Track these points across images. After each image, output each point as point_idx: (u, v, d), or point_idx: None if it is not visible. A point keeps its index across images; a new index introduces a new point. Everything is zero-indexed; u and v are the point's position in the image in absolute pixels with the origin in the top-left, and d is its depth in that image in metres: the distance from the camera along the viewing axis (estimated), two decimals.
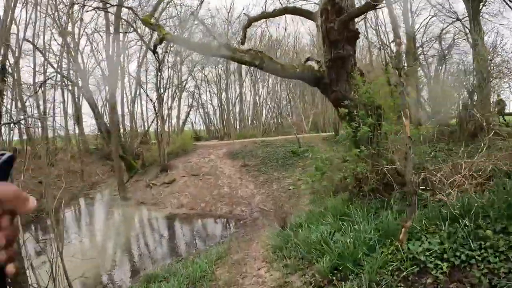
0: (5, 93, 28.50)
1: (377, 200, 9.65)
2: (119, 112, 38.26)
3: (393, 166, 9.33)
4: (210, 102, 51.58)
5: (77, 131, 40.02)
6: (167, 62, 37.22)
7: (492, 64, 16.97)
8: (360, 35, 11.70)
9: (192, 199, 23.08)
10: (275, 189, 22.77)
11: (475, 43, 18.97)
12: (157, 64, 28.25)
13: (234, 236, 15.84)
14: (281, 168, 25.22)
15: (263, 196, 22.17)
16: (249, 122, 51.14)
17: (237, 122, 50.52)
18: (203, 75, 48.48)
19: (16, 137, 33.10)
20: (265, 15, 14.30)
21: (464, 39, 26.93)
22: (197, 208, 22.00)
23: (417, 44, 29.61)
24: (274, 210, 17.89)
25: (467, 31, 24.61)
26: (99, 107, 38.85)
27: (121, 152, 31.38)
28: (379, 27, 35.57)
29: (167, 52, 32.42)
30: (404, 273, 6.06)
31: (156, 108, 33.05)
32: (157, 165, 30.17)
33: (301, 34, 52.45)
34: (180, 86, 45.19)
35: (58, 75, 35.77)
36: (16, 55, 31.20)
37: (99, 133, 38.29)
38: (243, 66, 48.33)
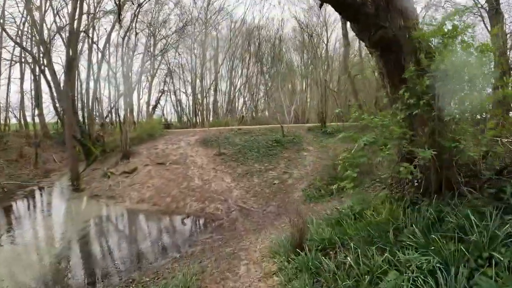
0: None
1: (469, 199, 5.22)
2: (84, 93, 33.17)
3: None
4: (184, 91, 46.33)
5: (36, 113, 34.41)
6: (135, 30, 31.82)
7: None
8: None
9: (156, 193, 18.27)
10: (256, 183, 18.26)
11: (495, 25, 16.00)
12: (118, 15, 22.69)
13: (208, 246, 11.23)
14: (263, 158, 20.72)
15: (242, 191, 17.61)
16: (224, 111, 46.18)
17: (211, 113, 45.50)
18: (176, 56, 43.27)
19: None
20: None
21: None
22: (161, 204, 17.24)
23: None
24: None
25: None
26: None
27: (78, 136, 26.19)
28: None
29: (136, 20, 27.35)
30: None
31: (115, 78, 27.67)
32: (119, 151, 25.03)
33: (286, 19, 47.42)
34: (152, 67, 40.02)
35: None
36: None
37: (56, 114, 32.70)
38: (219, 53, 43.81)
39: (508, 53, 15.64)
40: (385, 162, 7.11)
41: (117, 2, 10.21)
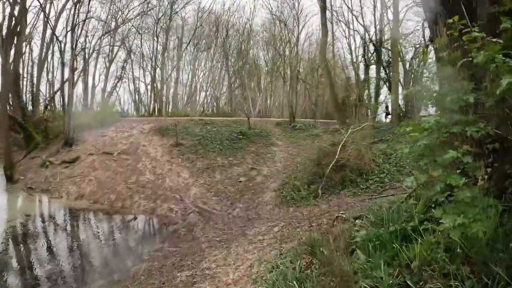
0: None
1: None
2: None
3: None
4: (143, 81, 41.98)
5: None
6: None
7: None
8: None
9: (98, 187, 14.79)
10: (218, 180, 15.15)
11: None
12: None
13: (157, 263, 8.04)
14: (227, 152, 17.57)
15: (202, 189, 14.46)
16: (184, 102, 42.28)
17: (170, 105, 41.41)
18: (137, 41, 38.96)
19: None
20: None
21: None
22: (104, 202, 13.86)
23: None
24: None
25: None
26: None
27: (19, 119, 22.13)
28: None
29: None
30: None
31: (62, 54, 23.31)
32: (63, 138, 21.06)
33: (258, 8, 44.30)
34: (111, 51, 35.69)
35: None
36: None
37: None
38: (183, 41, 40.00)
39: None
40: None
41: None
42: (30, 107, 26.81)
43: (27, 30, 27.54)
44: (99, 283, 7.49)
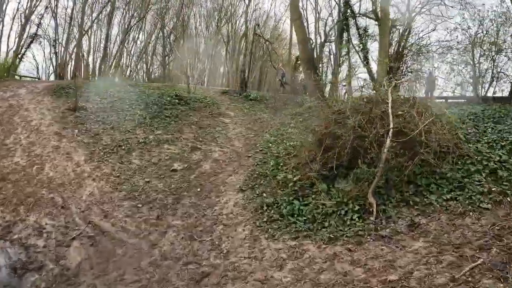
0: None
1: None
2: None
3: None
4: (64, 45, 33.05)
5: None
6: None
7: None
8: None
9: None
10: (136, 168, 8.40)
11: None
12: None
13: None
14: (154, 122, 10.61)
15: (106, 184, 7.72)
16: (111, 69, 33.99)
17: (96, 76, 33.05)
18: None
19: None
20: None
21: None
22: None
23: None
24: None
25: None
26: None
27: None
28: None
29: None
30: None
31: None
32: None
33: None
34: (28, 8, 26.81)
35: None
36: None
37: None
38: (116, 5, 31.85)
39: None
40: None
41: None
42: None
43: None
44: None
